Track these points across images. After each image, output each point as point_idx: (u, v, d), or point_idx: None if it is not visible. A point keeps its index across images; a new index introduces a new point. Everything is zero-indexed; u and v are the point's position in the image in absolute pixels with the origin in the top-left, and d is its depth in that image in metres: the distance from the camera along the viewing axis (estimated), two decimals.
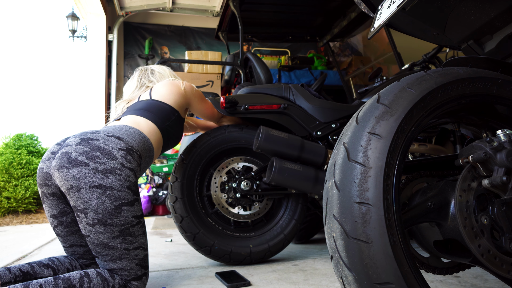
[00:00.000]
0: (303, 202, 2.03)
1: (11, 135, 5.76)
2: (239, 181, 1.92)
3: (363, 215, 0.73)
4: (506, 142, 0.85)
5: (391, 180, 0.76)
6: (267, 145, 1.75)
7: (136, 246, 1.34)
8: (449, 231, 0.86)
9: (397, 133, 0.79)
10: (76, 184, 1.24)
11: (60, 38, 14.97)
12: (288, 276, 1.66)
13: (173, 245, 2.60)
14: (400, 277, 0.71)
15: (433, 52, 2.33)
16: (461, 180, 0.85)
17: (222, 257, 1.87)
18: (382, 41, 5.31)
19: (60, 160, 1.27)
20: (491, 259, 0.81)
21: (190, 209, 1.85)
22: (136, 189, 1.36)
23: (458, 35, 1.22)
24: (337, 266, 0.79)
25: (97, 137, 1.34)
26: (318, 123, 2.03)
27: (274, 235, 1.97)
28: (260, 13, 3.80)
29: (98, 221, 1.26)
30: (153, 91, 1.71)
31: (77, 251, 1.48)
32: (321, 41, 4.35)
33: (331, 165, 0.84)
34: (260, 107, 1.97)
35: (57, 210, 1.41)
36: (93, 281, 1.24)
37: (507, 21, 1.08)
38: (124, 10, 5.62)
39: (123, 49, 6.40)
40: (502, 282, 1.13)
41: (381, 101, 0.83)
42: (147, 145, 1.48)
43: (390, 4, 1.10)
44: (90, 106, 5.69)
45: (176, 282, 1.60)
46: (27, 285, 1.14)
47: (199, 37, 6.70)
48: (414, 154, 2.07)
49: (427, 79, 0.87)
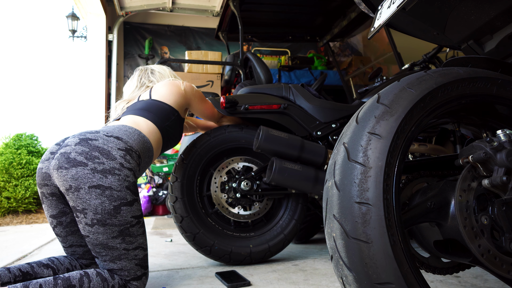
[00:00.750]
0: (303, 202, 2.03)
1: (11, 135, 5.75)
2: (239, 181, 1.92)
3: (363, 215, 0.73)
4: (506, 142, 0.85)
5: (391, 180, 0.76)
6: (267, 145, 1.75)
7: (135, 246, 1.34)
8: (449, 231, 0.86)
9: (397, 133, 0.79)
10: (75, 184, 1.24)
11: (60, 38, 14.97)
12: (288, 276, 1.66)
13: (173, 245, 2.60)
14: (400, 277, 0.71)
15: (433, 52, 2.33)
16: (461, 180, 0.85)
17: (222, 257, 1.87)
18: (382, 41, 5.31)
19: (59, 160, 1.27)
20: (491, 259, 0.81)
21: (190, 209, 1.85)
22: (136, 189, 1.36)
23: (458, 35, 1.22)
24: (337, 266, 0.79)
25: (96, 137, 1.33)
26: (318, 123, 2.03)
27: (274, 235, 1.97)
28: (260, 13, 3.80)
29: (97, 221, 1.25)
30: (153, 91, 1.71)
31: (77, 251, 1.48)
32: (321, 41, 4.35)
33: (331, 165, 0.84)
34: (260, 107, 1.97)
35: (56, 210, 1.41)
36: (92, 281, 1.24)
37: (507, 21, 1.08)
38: (124, 10, 5.62)
39: (123, 49, 6.40)
40: (502, 282, 1.13)
41: (381, 101, 0.84)
42: (147, 145, 1.48)
43: (390, 4, 1.10)
44: (90, 106, 5.69)
45: (176, 282, 1.60)
46: (26, 285, 1.14)
47: (199, 37, 6.70)
48: (414, 154, 2.07)
49: (427, 79, 0.87)
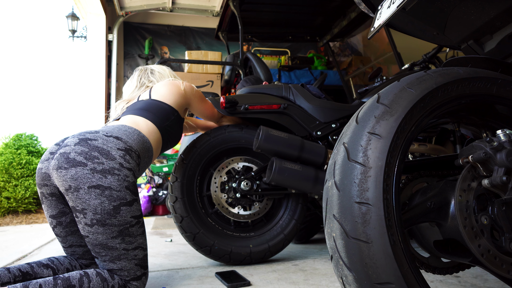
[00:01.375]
0: (303, 202, 2.03)
1: (11, 135, 5.75)
2: (239, 181, 1.92)
3: (363, 215, 0.73)
4: (506, 142, 0.85)
5: (391, 180, 0.76)
6: (267, 145, 1.75)
7: (135, 246, 1.33)
8: (449, 231, 0.86)
9: (397, 133, 0.79)
10: (75, 184, 1.24)
11: (60, 38, 14.97)
12: (288, 276, 1.66)
13: (173, 245, 2.60)
14: (400, 277, 0.71)
15: (433, 52, 2.33)
16: (461, 180, 0.85)
17: (222, 257, 1.87)
18: (382, 41, 5.31)
19: (59, 161, 1.27)
20: (491, 259, 0.81)
21: (190, 209, 1.85)
22: (135, 189, 1.36)
23: (458, 35, 1.21)
24: (337, 266, 0.79)
25: (95, 137, 1.33)
26: (318, 123, 2.03)
27: (274, 235, 1.97)
28: (260, 13, 3.81)
29: (97, 222, 1.25)
30: (153, 90, 1.71)
31: (77, 251, 1.48)
32: (321, 41, 4.35)
33: (331, 165, 0.84)
34: (260, 107, 1.97)
35: (56, 210, 1.41)
36: (92, 281, 1.24)
37: (507, 21, 1.08)
38: (124, 10, 5.62)
39: (123, 49, 6.40)
40: (502, 282, 1.13)
41: (381, 101, 0.83)
42: (146, 145, 1.48)
43: (390, 4, 1.10)
44: (90, 106, 5.69)
45: (176, 282, 1.60)
46: (26, 285, 1.14)
47: (199, 37, 6.70)
48: (414, 154, 2.07)
49: (427, 79, 0.87)
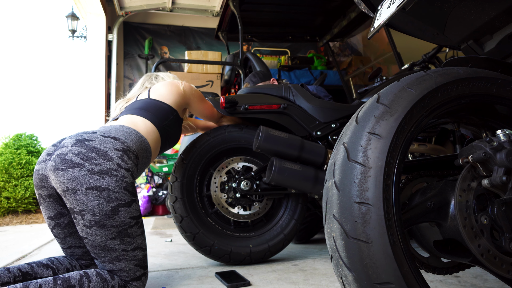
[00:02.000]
0: (303, 202, 2.03)
1: (11, 135, 5.75)
2: (239, 181, 1.92)
3: (363, 215, 0.73)
4: (506, 142, 0.85)
5: (391, 180, 0.76)
6: (267, 145, 1.75)
7: (134, 246, 1.33)
8: (449, 231, 0.86)
9: (397, 133, 0.79)
10: (72, 186, 1.23)
11: (60, 38, 14.99)
12: (288, 276, 1.66)
13: (173, 245, 2.60)
14: (400, 277, 0.71)
15: (433, 52, 2.33)
16: (461, 180, 0.85)
17: (222, 257, 1.87)
18: (382, 41, 5.31)
19: (56, 162, 1.26)
20: (491, 259, 0.81)
21: (190, 209, 1.85)
22: (133, 189, 1.35)
23: (458, 35, 1.21)
24: (337, 266, 0.79)
25: (92, 138, 1.32)
26: (318, 123, 2.03)
27: (274, 235, 1.97)
28: (260, 13, 3.80)
29: (95, 223, 1.25)
30: (152, 90, 1.71)
31: (76, 252, 1.48)
32: (321, 41, 4.35)
33: (331, 165, 0.84)
34: (260, 107, 1.97)
35: (54, 211, 1.40)
36: (92, 282, 1.24)
37: (507, 21, 1.08)
38: (124, 10, 5.62)
39: (123, 49, 6.40)
40: (502, 282, 1.13)
41: (381, 101, 0.83)
42: (144, 145, 1.47)
43: (390, 4, 1.10)
44: (90, 106, 5.69)
45: (176, 282, 1.60)
46: (26, 285, 1.14)
47: (199, 37, 6.70)
48: (414, 154, 2.07)
49: (427, 79, 0.87)
